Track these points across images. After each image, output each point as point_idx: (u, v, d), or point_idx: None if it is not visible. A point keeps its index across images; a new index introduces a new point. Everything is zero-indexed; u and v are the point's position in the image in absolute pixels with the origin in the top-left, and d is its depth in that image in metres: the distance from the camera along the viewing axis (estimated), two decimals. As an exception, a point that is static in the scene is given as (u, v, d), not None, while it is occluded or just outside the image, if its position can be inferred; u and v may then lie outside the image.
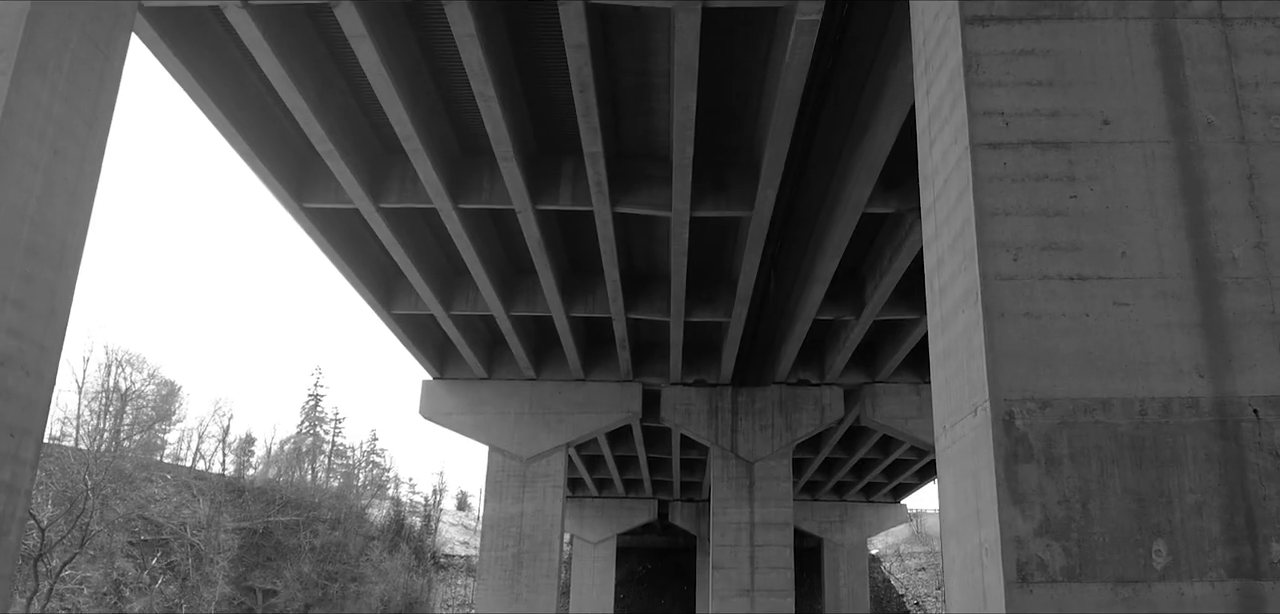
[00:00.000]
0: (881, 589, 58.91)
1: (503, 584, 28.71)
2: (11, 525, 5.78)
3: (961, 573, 4.90)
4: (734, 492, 29.23)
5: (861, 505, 54.58)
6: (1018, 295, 4.65)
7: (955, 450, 5.04)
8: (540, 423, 29.79)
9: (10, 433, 5.83)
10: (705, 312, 23.38)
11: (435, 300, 23.09)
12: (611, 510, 54.02)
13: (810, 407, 29.29)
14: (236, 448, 66.50)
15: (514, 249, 22.69)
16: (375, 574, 52.02)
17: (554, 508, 29.42)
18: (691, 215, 17.60)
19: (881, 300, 21.03)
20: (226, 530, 48.50)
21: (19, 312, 5.93)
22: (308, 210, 19.15)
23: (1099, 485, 4.41)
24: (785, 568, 28.86)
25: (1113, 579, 4.29)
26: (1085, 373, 4.55)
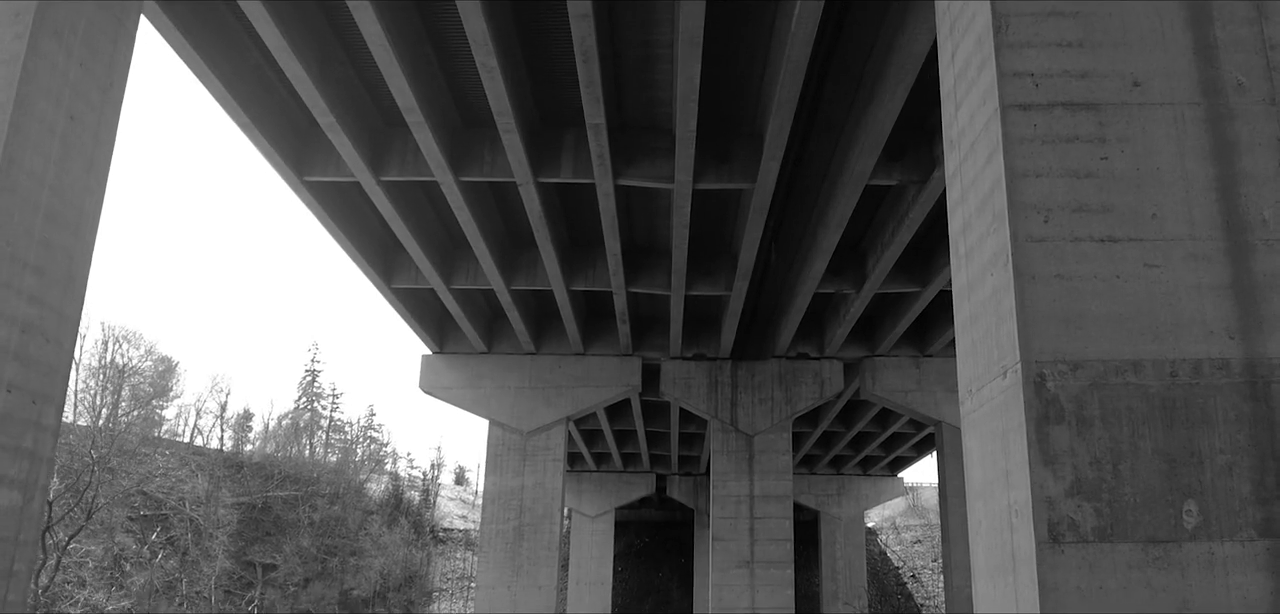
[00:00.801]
0: (878, 561, 59.17)
1: (504, 557, 28.81)
2: (35, 493, 5.77)
3: (988, 534, 4.90)
4: (734, 465, 29.32)
5: (858, 479, 54.79)
6: (1049, 257, 4.64)
7: (982, 413, 5.03)
8: (540, 397, 29.81)
9: (32, 400, 5.80)
10: (706, 285, 23.36)
11: (435, 274, 23.04)
12: (610, 484, 54.19)
13: (810, 380, 29.34)
14: (234, 424, 66.47)
15: (514, 222, 22.63)
16: (374, 548, 52.14)
17: (554, 481, 29.48)
18: (694, 188, 17.54)
19: (883, 273, 21.01)
20: (225, 505, 48.57)
21: (38, 278, 5.90)
22: (308, 184, 19.08)
23: (1130, 447, 4.41)
24: (785, 540, 28.98)
25: (1144, 539, 4.30)
26: (1116, 335, 4.54)
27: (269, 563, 48.54)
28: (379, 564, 51.03)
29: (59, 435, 6.09)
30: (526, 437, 29.61)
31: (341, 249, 22.73)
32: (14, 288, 5.72)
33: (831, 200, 17.89)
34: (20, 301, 5.75)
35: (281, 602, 46.81)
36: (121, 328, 63.06)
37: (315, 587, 48.56)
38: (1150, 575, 4.27)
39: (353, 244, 22.06)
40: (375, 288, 25.15)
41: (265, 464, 54.90)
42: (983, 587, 4.97)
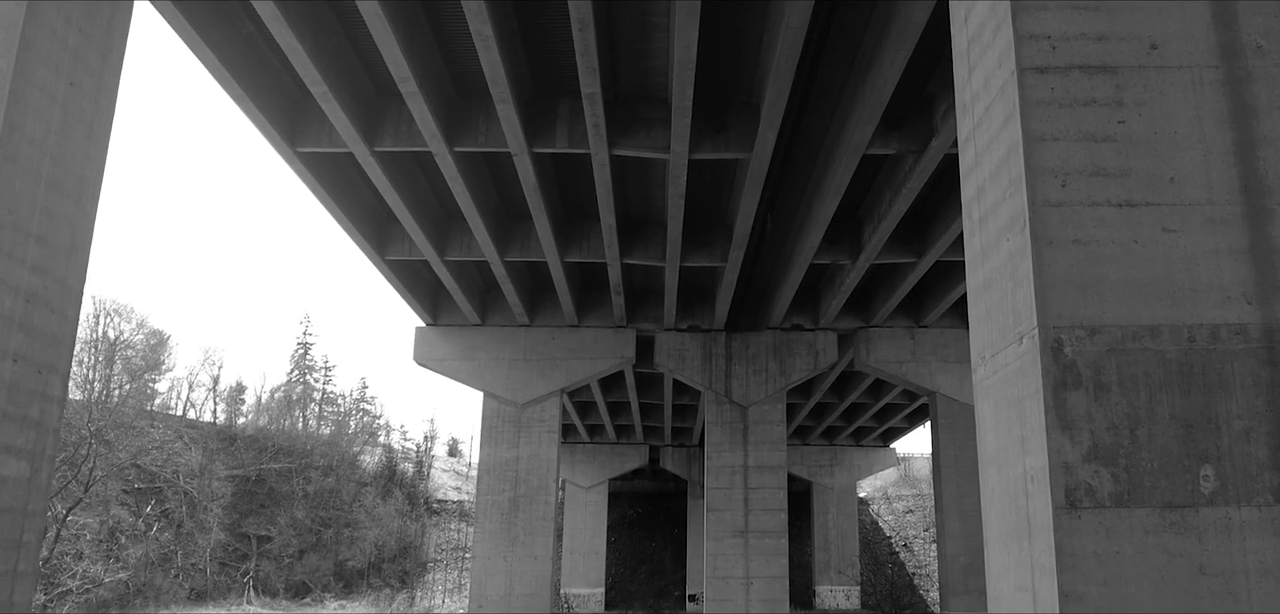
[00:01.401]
0: (869, 531, 59.44)
1: (500, 528, 28.88)
2: (43, 463, 5.73)
3: (1002, 501, 4.89)
4: (728, 436, 29.37)
5: (851, 449, 54.99)
6: (1066, 222, 4.60)
7: (996, 380, 5.01)
8: (534, 369, 29.80)
9: (38, 370, 5.76)
10: (701, 256, 23.32)
11: (429, 246, 22.97)
12: (603, 456, 54.35)
13: (804, 351, 29.37)
14: (227, 396, 66.40)
15: (508, 194, 22.55)
16: (369, 520, 52.23)
17: (549, 453, 29.52)
18: (690, 158, 17.47)
19: (879, 244, 20.98)
20: (219, 478, 48.58)
21: (41, 247, 5.84)
22: (301, 154, 18.96)
23: (1147, 412, 4.40)
24: (779, 510, 29.09)
25: (1161, 505, 4.30)
26: (1134, 300, 4.52)
27: (264, 535, 48.60)
28: (373, 535, 51.11)
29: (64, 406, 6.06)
30: (521, 408, 29.62)
31: (335, 221, 22.63)
32: (17, 258, 5.67)
33: (828, 170, 17.84)
34: (24, 271, 5.69)
35: (276, 573, 46.90)
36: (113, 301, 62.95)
37: (310, 558, 48.66)
38: (1167, 540, 4.27)
39: (346, 216, 21.96)
40: (368, 260, 25.08)
41: (258, 437, 54.90)
42: (995, 553, 4.97)
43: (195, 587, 43.69)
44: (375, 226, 23.97)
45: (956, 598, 28.87)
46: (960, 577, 28.87)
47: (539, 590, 28.59)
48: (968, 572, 28.85)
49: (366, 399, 79.66)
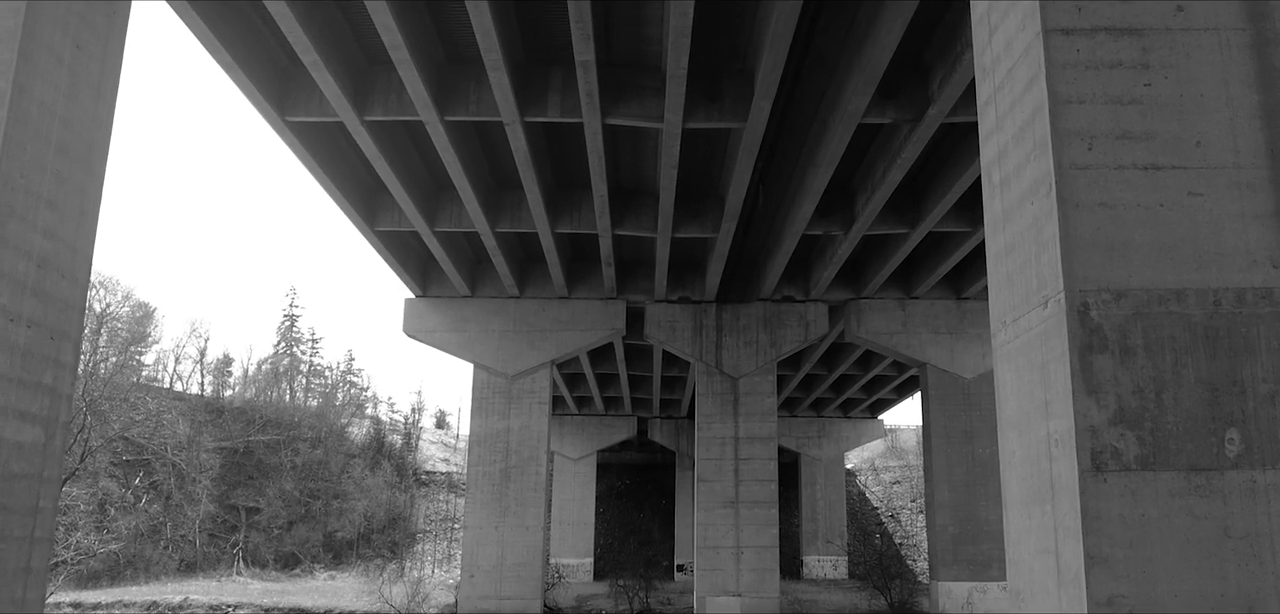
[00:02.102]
0: (857, 502, 59.74)
1: (491, 498, 28.93)
2: (56, 429, 5.68)
3: (1023, 465, 4.89)
4: (719, 407, 29.43)
5: (839, 421, 55.20)
6: (1092, 185, 4.58)
7: (1018, 344, 4.99)
8: (524, 340, 29.77)
9: (51, 336, 5.70)
10: (692, 227, 23.26)
11: (419, 216, 22.84)
12: (591, 428, 54.44)
13: (795, 323, 29.40)
14: (213, 369, 66.09)
15: (499, 164, 22.43)
16: (357, 491, 52.22)
17: (540, 424, 29.53)
18: (684, 127, 17.38)
19: (872, 214, 20.94)
20: (207, 450, 48.49)
21: (52, 212, 5.77)
22: (290, 124, 18.81)
23: (1173, 375, 4.39)
24: (769, 481, 29.19)
25: (1186, 467, 4.30)
26: (1160, 263, 4.51)
27: (252, 506, 48.57)
28: (362, 506, 51.13)
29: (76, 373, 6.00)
30: (511, 380, 29.60)
31: (324, 191, 22.47)
32: (29, 222, 5.60)
33: (822, 140, 17.79)
34: (36, 236, 5.62)
35: (266, 544, 46.89)
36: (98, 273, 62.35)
37: (299, 529, 48.65)
38: (1192, 503, 4.28)
39: (336, 186, 21.80)
40: (358, 231, 24.91)
41: (246, 409, 54.81)
42: (1016, 517, 4.97)
43: (185, 558, 43.67)
44: (365, 197, 23.82)
45: (946, 567, 29.05)
46: (949, 546, 29.05)
47: (531, 559, 28.69)
48: (957, 541, 29.03)
49: (353, 371, 79.59)
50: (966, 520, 29.07)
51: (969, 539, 29.02)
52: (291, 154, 20.42)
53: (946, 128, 18.26)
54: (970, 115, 16.46)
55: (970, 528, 29.06)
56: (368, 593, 32.34)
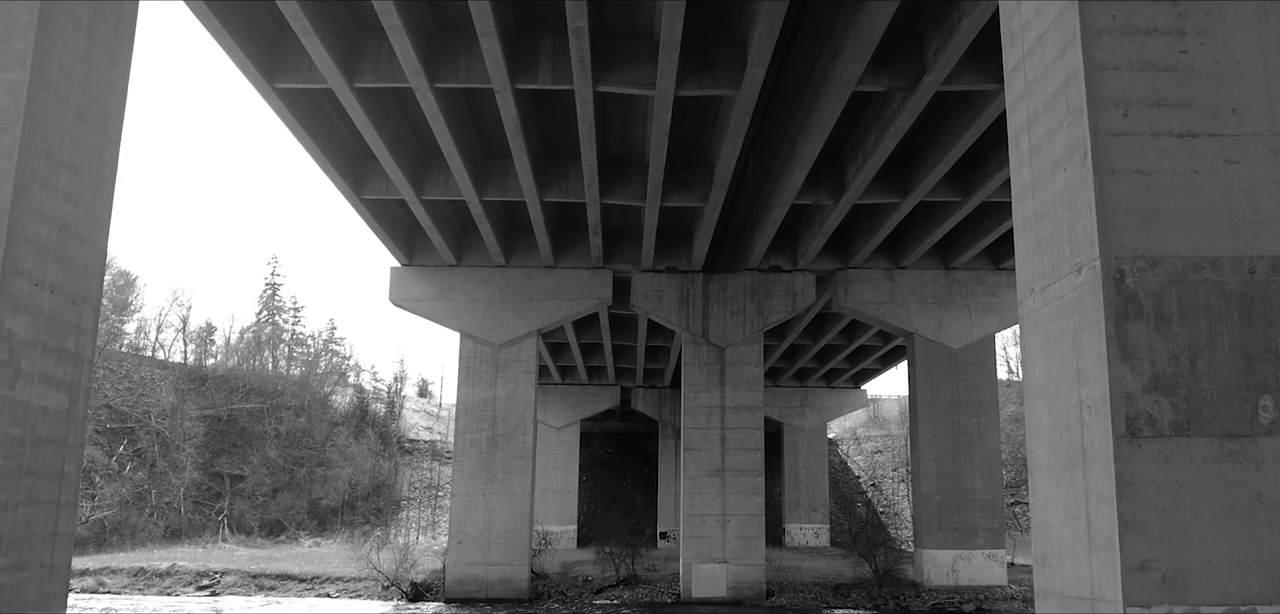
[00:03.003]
0: (839, 471, 60.04)
1: (478, 466, 28.99)
2: (79, 395, 5.65)
3: (1051, 432, 4.91)
4: (705, 377, 29.50)
5: (822, 391, 55.42)
6: (1128, 152, 4.57)
7: (1048, 312, 5.00)
8: (510, 309, 29.74)
9: (72, 302, 5.66)
10: (681, 196, 23.22)
11: (407, 184, 22.73)
12: (574, 397, 54.50)
13: (782, 293, 29.45)
14: (196, 337, 65.80)
15: (487, 132, 22.33)
16: (341, 459, 52.19)
17: (526, 393, 29.55)
18: (675, 95, 17.32)
19: (863, 184, 20.95)
20: (191, 418, 48.35)
21: (73, 176, 5.72)
22: (279, 91, 18.65)
23: (1207, 343, 4.41)
24: (755, 449, 29.32)
25: (1219, 434, 4.33)
26: (1195, 231, 4.51)
27: (237, 474, 48.51)
28: (347, 474, 51.12)
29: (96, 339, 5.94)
30: (498, 349, 29.58)
31: (312, 159, 22.32)
32: (51, 187, 5.55)
33: (815, 108, 17.77)
34: (57, 200, 5.58)
35: (251, 511, 46.87)
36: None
37: (284, 496, 48.64)
38: (1225, 469, 4.31)
39: (324, 154, 21.66)
40: (345, 199, 24.78)
41: (229, 377, 54.61)
42: (1042, 483, 4.99)
43: (170, 525, 43.63)
44: (352, 165, 23.68)
45: (931, 536, 29.30)
46: (935, 514, 29.29)
47: (518, 526, 28.82)
48: (942, 509, 29.28)
49: (335, 340, 79.37)
50: (952, 489, 29.31)
51: (954, 508, 29.27)
52: (273, 123, 20.39)
53: (940, 96, 18.26)
54: (965, 84, 16.47)
55: (955, 497, 29.31)
56: (355, 559, 32.35)
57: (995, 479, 29.71)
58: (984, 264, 29.61)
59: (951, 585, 28.85)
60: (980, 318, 29.72)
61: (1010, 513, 46.42)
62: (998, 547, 29.41)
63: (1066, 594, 4.74)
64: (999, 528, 29.62)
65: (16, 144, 5.27)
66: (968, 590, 28.47)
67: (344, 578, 31.04)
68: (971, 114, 17.90)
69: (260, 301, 72.97)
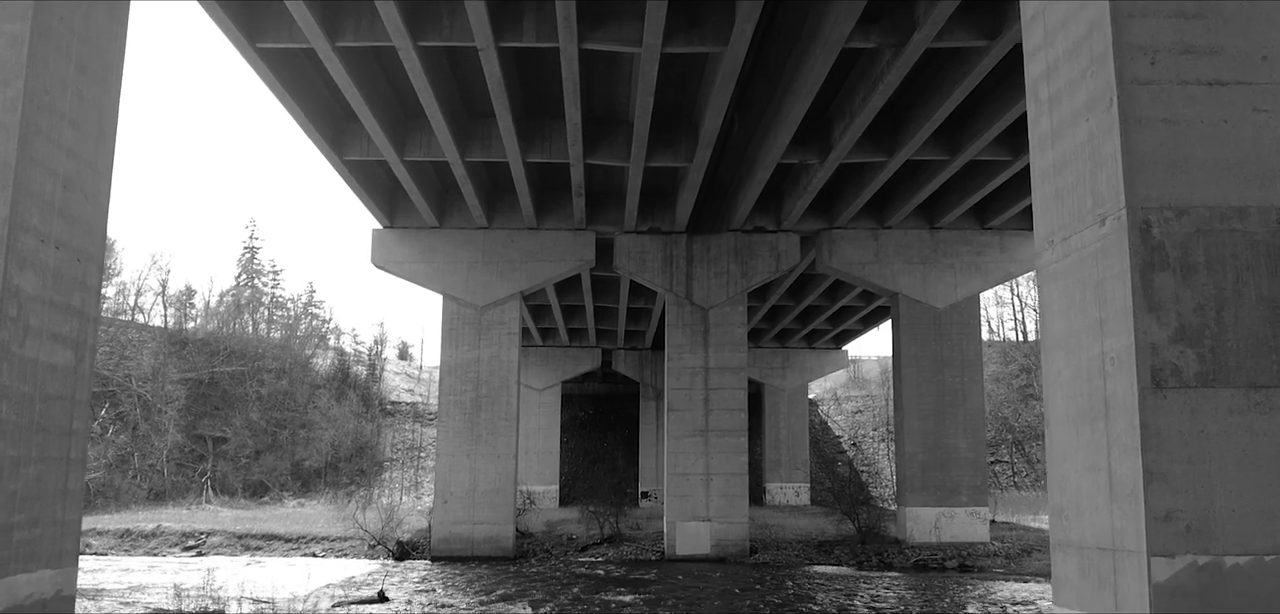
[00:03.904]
0: (819, 431, 60.33)
1: (463, 427, 28.99)
2: (86, 353, 5.56)
3: (1071, 384, 4.88)
4: (689, 338, 29.50)
5: (803, 352, 55.57)
6: (1155, 100, 4.52)
7: (1069, 263, 4.96)
8: (493, 271, 29.63)
9: (77, 259, 5.56)
10: (666, 156, 23.11)
11: (388, 144, 22.53)
12: (556, 359, 54.50)
13: (766, 253, 29.43)
14: (176, 301, 65.31)
15: (470, 92, 22.13)
16: (324, 421, 52.15)
17: (510, 354, 29.50)
18: (662, 52, 17.18)
19: (850, 143, 20.89)
20: (172, 381, 48.14)
21: (75, 131, 5.59)
22: (260, 50, 18.43)
23: (1234, 293, 4.39)
24: (739, 410, 29.40)
25: (1245, 385, 4.32)
26: (1222, 180, 4.47)
27: (219, 436, 48.41)
28: (329, 436, 51.08)
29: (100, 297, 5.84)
30: (481, 311, 29.49)
31: (293, 120, 22.09)
32: (55, 141, 5.43)
33: (802, 66, 17.65)
34: (61, 155, 5.47)
35: (234, 473, 46.82)
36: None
37: (267, 458, 48.60)
38: (1251, 420, 4.30)
39: (305, 114, 21.45)
40: (326, 160, 24.54)
41: (209, 341, 54.42)
42: (1060, 436, 4.97)
43: (154, 487, 43.55)
44: (334, 126, 23.45)
45: (914, 494, 29.50)
46: (918, 473, 29.49)
47: (503, 486, 28.89)
48: (925, 468, 29.47)
49: (315, 303, 78.92)
50: (935, 448, 29.49)
51: (937, 466, 29.47)
52: (251, 86, 20.21)
53: (930, 53, 18.18)
54: (955, 40, 16.41)
55: (939, 455, 29.50)
56: (340, 519, 32.35)
57: (979, 438, 29.92)
58: (969, 223, 29.67)
59: (934, 542, 29.10)
60: (965, 277, 29.82)
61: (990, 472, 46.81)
62: (980, 504, 29.66)
63: (1085, 545, 4.74)
64: (982, 486, 29.86)
65: (20, 98, 5.15)
66: (950, 547, 28.73)
67: (330, 537, 31.05)
68: (961, 71, 17.83)
69: (239, 265, 72.48)
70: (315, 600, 19.60)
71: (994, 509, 38.85)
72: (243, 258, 72.19)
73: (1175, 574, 4.20)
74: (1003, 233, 29.96)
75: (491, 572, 25.57)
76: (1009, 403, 54.23)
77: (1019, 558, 28.16)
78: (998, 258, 30.05)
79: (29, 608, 5.20)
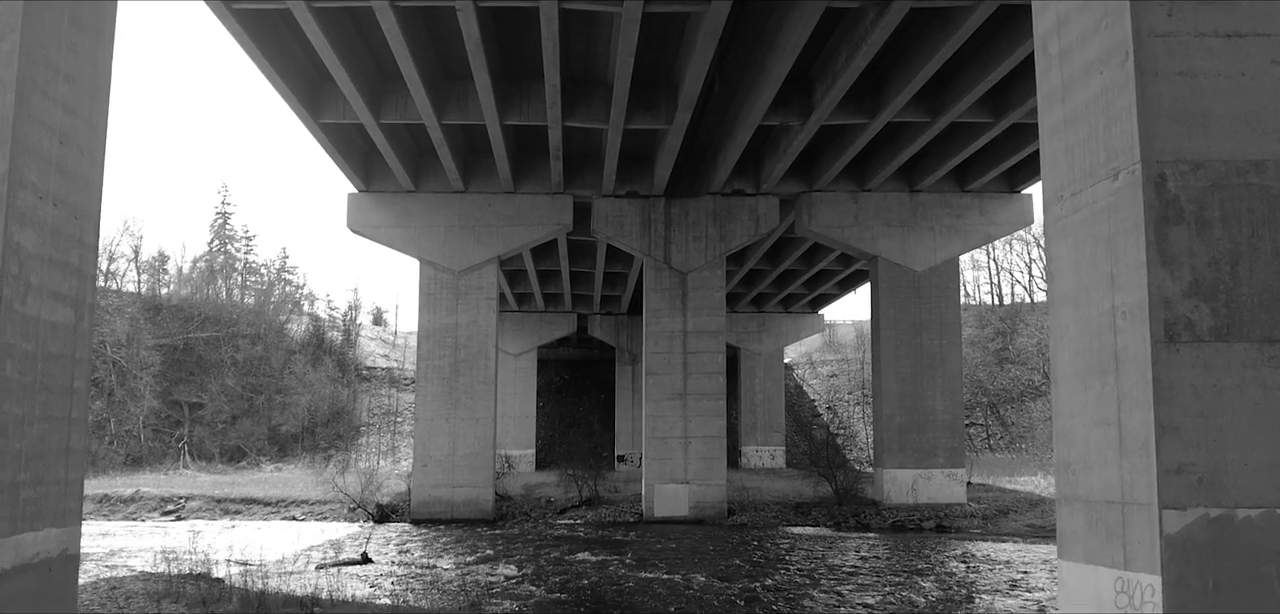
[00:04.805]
0: (794, 395, 60.59)
1: (442, 391, 28.96)
2: (85, 311, 5.48)
3: (1079, 339, 4.87)
4: (667, 302, 29.49)
5: (779, 316, 55.70)
6: (1172, 53, 4.49)
7: (1079, 218, 4.94)
8: (470, 236, 29.48)
9: (75, 216, 5.47)
10: (645, 118, 22.98)
11: (365, 108, 22.31)
12: (531, 324, 54.44)
13: (745, 217, 29.40)
14: (149, 267, 64.69)
15: (447, 54, 21.91)
16: (300, 386, 51.98)
17: (488, 319, 29.43)
18: (644, 11, 17.04)
19: (832, 104, 20.83)
20: (147, 347, 47.78)
21: (70, 86, 5.48)
22: (235, 11, 18.18)
23: (1249, 247, 4.38)
24: (717, 373, 29.46)
25: (1259, 339, 4.32)
26: (1239, 134, 4.45)
27: (195, 402, 48.18)
28: (305, 401, 50.95)
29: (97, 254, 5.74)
30: (459, 275, 29.37)
31: (268, 82, 21.80)
32: (51, 96, 5.33)
33: (784, 25, 17.58)
34: (57, 111, 5.36)
35: (211, 438, 46.65)
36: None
37: (244, 423, 48.43)
38: (1264, 374, 4.31)
39: (280, 77, 21.18)
40: (302, 123, 24.27)
41: (184, 307, 54.07)
42: (1068, 391, 4.97)
43: (130, 453, 43.33)
44: (309, 89, 23.17)
45: (891, 455, 29.72)
46: (895, 435, 29.69)
47: (482, 450, 28.93)
48: (903, 430, 29.67)
49: (288, 269, 78.35)
50: (913, 410, 29.69)
51: (914, 428, 29.68)
52: (224, 48, 19.76)
53: (913, 13, 18.11)
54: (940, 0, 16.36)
55: (916, 417, 29.70)
56: (319, 483, 32.29)
57: (956, 400, 30.14)
58: (949, 186, 29.75)
59: (911, 504, 29.35)
60: (945, 240, 29.93)
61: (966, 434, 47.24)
62: (958, 466, 29.91)
63: (1092, 499, 4.76)
64: (959, 447, 30.11)
65: (16, 52, 5.04)
66: (928, 508, 28.98)
67: (309, 501, 31.00)
68: (945, 32, 17.80)
69: (211, 231, 71.78)
70: (303, 561, 19.62)
71: (970, 471, 39.23)
72: (215, 223, 71.54)
73: (1186, 526, 4.23)
74: (982, 195, 30.06)
75: (472, 534, 25.60)
76: (984, 366, 54.63)
77: (996, 518, 28.46)
78: (977, 220, 30.17)
79: (36, 566, 5.20)
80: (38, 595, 5.20)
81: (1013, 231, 32.89)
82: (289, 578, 14.53)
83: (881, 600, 15.95)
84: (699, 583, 17.69)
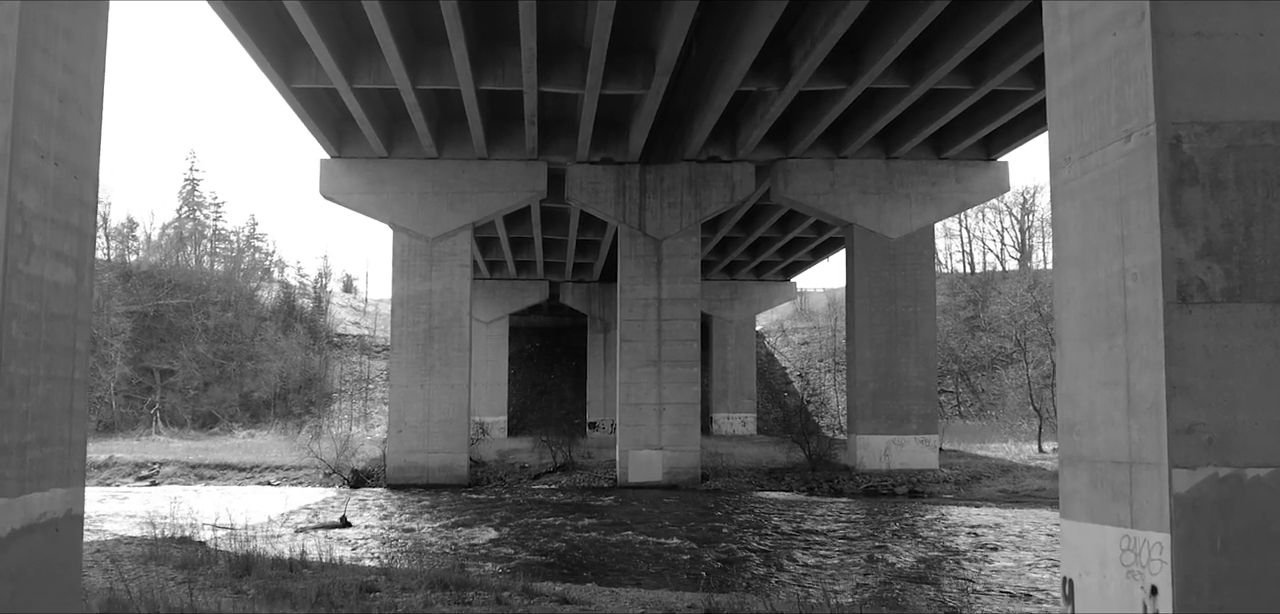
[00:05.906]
0: (765, 363, 60.82)
1: (416, 358, 28.89)
2: (85, 272, 5.41)
3: (1086, 301, 4.88)
4: (642, 269, 29.47)
5: (752, 283, 55.84)
6: (1188, 13, 4.48)
7: (1089, 180, 4.93)
8: (444, 202, 29.30)
9: (75, 175, 5.38)
10: (621, 83, 22.84)
11: (339, 71, 22.07)
12: (503, 292, 54.34)
13: (720, 184, 29.38)
14: (117, 234, 63.84)
15: (421, 17, 21.68)
16: (271, 353, 51.74)
17: (462, 286, 29.33)
18: (624, -24, 16.93)
19: (810, 70, 20.78)
20: (117, 314, 47.35)
21: (68, 42, 5.37)
22: (208, -29, 17.87)
23: (1263, 209, 4.39)
24: (691, 340, 29.52)
25: (1271, 300, 4.34)
26: (1255, 95, 4.45)
27: (167, 368, 47.87)
28: (277, 367, 50.73)
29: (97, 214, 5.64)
30: (432, 242, 29.20)
31: (241, 46, 21.51)
32: (50, 52, 5.23)
33: (765, -9, 17.48)
34: (56, 68, 5.26)
35: (182, 405, 46.41)
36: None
37: (215, 390, 48.20)
38: (1276, 335, 4.32)
39: (253, 40, 20.90)
40: (274, 87, 24.00)
41: (154, 273, 53.67)
42: (1073, 352, 4.98)
43: (102, 419, 43.04)
44: (282, 53, 22.87)
45: (865, 421, 29.92)
46: (869, 401, 29.88)
47: (457, 416, 28.93)
48: (876, 396, 29.86)
49: (258, 236, 77.54)
50: (886, 377, 29.88)
51: (888, 395, 29.88)
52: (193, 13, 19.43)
53: (893, -22, 18.09)
54: (920, -32, 16.33)
55: (890, 384, 29.90)
56: (293, 449, 32.21)
57: (930, 367, 30.36)
58: (926, 153, 29.82)
59: (884, 469, 29.59)
60: (920, 207, 30.03)
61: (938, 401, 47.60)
62: (930, 432, 30.17)
63: (1098, 459, 4.78)
64: (932, 414, 30.36)
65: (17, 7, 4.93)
66: (900, 473, 29.24)
67: (284, 466, 30.92)
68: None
69: (180, 197, 70.90)
70: (282, 525, 19.60)
71: (941, 438, 39.64)
72: (184, 190, 70.62)
73: (1196, 485, 4.27)
74: (958, 163, 30.16)
75: (449, 499, 25.60)
76: (956, 334, 55.02)
77: (968, 484, 28.76)
78: (953, 188, 30.29)
79: (43, 526, 5.19)
80: (45, 555, 5.22)
81: (988, 199, 33.10)
82: (273, 541, 14.47)
83: (863, 561, 16.10)
84: (677, 545, 17.78)
